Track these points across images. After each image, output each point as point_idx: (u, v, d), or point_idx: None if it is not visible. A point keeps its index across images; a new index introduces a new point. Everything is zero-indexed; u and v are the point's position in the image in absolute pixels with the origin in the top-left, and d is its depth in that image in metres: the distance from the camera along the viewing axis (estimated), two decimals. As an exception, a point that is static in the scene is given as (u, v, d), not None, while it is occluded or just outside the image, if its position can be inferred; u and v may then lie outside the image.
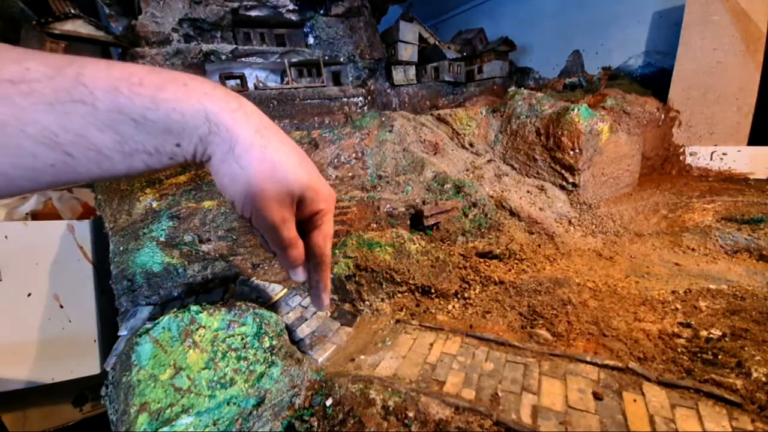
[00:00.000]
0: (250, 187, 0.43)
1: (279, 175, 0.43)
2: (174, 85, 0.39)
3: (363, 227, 1.10)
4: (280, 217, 0.46)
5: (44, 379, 1.17)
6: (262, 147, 0.42)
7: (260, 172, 0.43)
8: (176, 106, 0.39)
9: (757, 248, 0.94)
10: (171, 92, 0.39)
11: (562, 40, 2.43)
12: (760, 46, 1.46)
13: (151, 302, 0.91)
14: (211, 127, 0.41)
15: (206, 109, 0.40)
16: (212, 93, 0.41)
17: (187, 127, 0.40)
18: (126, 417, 0.52)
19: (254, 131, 0.42)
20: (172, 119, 0.39)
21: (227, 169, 0.42)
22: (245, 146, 0.42)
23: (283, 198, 0.45)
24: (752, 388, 0.50)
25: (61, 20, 1.27)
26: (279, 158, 0.43)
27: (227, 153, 0.42)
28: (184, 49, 1.52)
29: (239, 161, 0.42)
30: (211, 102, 0.40)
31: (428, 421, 0.51)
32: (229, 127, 0.41)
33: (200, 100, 0.40)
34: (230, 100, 0.42)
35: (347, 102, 1.96)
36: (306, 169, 0.47)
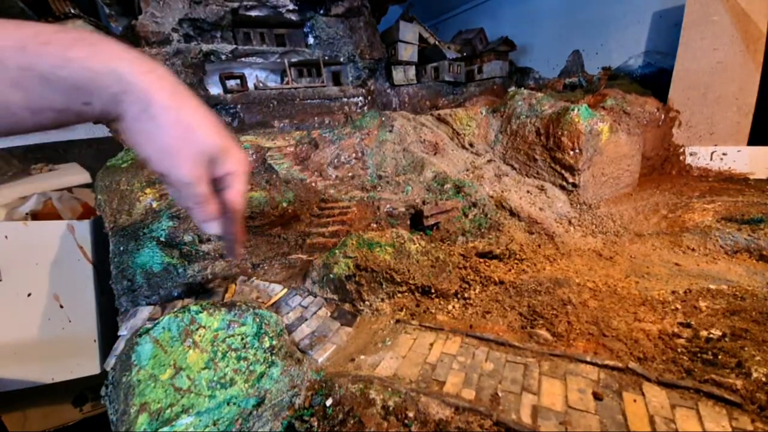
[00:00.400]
0: (166, 145, 0.46)
1: (194, 136, 0.47)
2: (82, 44, 0.40)
3: (363, 227, 1.10)
4: (194, 174, 0.49)
5: (44, 379, 1.17)
6: (177, 109, 0.45)
7: (176, 132, 0.45)
8: (86, 64, 0.40)
9: (757, 248, 0.94)
10: (80, 50, 0.40)
11: (562, 40, 2.43)
12: (760, 46, 1.46)
13: (151, 302, 0.91)
14: (124, 87, 0.42)
15: (118, 69, 0.41)
16: (124, 53, 0.42)
17: (97, 85, 0.41)
18: (126, 417, 0.52)
19: (169, 94, 0.44)
20: (83, 77, 0.40)
21: (141, 126, 0.45)
22: (160, 107, 0.44)
23: (198, 157, 0.48)
24: (752, 388, 0.50)
25: (61, 20, 1.27)
26: (194, 121, 0.46)
27: (141, 112, 0.44)
28: (184, 49, 1.52)
29: (155, 120, 0.44)
30: (123, 63, 0.42)
31: (428, 421, 0.51)
32: (142, 88, 0.43)
33: (110, 60, 0.41)
34: (143, 61, 0.43)
35: (347, 102, 1.96)
36: (219, 133, 0.50)
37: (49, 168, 1.86)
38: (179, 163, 0.47)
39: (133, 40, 1.49)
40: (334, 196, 1.22)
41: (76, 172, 1.62)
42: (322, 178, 1.34)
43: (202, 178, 0.50)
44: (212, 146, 0.49)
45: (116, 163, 1.18)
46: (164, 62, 1.49)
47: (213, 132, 0.49)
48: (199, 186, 0.50)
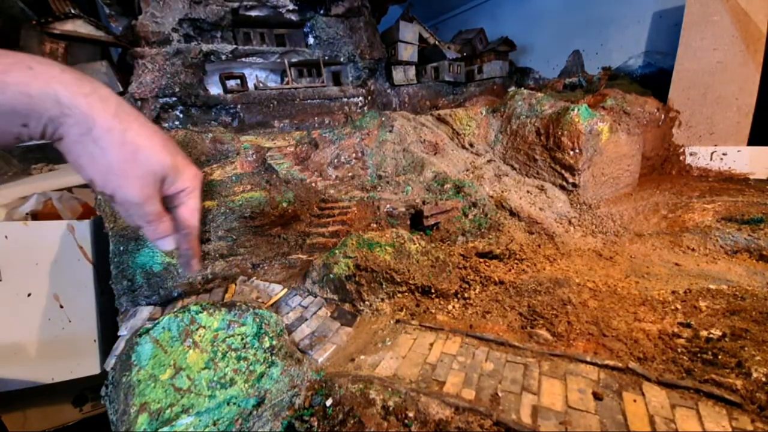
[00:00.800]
0: (112, 168, 0.45)
1: (141, 157, 0.47)
2: (19, 68, 0.40)
3: (363, 227, 1.10)
4: (143, 195, 0.48)
5: (44, 379, 1.17)
6: (122, 131, 0.44)
7: (121, 155, 0.45)
8: (23, 89, 0.40)
9: (757, 248, 0.94)
10: (16, 75, 0.40)
11: (562, 40, 2.43)
12: (760, 46, 1.46)
13: (151, 302, 0.91)
14: (63, 110, 0.42)
15: (56, 92, 0.41)
16: (61, 76, 0.42)
17: (35, 109, 0.41)
18: (126, 417, 0.52)
19: (112, 116, 0.44)
20: (19, 101, 0.40)
21: (83, 150, 0.44)
22: (104, 129, 0.43)
23: (147, 178, 0.48)
24: (752, 388, 0.50)
25: (61, 20, 1.27)
26: (141, 142, 0.46)
27: (83, 135, 0.43)
28: (184, 49, 1.52)
29: (98, 143, 0.44)
30: (61, 85, 0.41)
31: (428, 421, 0.51)
32: (83, 111, 0.42)
33: (48, 83, 0.41)
34: (83, 83, 0.43)
35: (347, 102, 1.96)
36: (169, 151, 0.50)
37: (49, 168, 1.86)
38: (126, 184, 0.47)
39: (133, 40, 1.49)
40: (334, 196, 1.22)
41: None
42: (322, 178, 1.34)
43: (152, 197, 0.50)
44: (161, 166, 0.49)
45: (116, 163, 1.18)
46: (164, 62, 1.49)
47: (161, 151, 0.49)
48: (148, 205, 0.50)
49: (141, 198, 0.48)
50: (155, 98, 1.48)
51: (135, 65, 1.45)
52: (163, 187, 0.52)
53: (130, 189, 0.47)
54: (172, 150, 0.51)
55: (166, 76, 1.49)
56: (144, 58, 1.45)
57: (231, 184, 1.13)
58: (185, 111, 1.55)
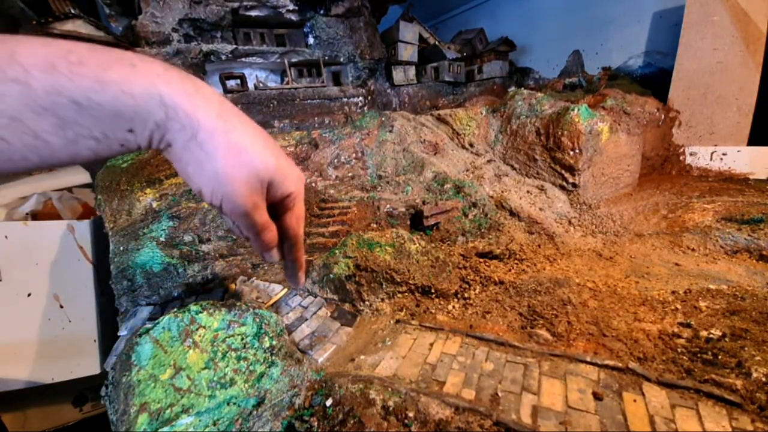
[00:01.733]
0: (219, 174, 0.41)
1: (246, 159, 0.42)
2: (121, 65, 0.36)
3: (363, 227, 1.10)
4: (251, 203, 0.44)
5: (44, 379, 1.17)
6: (226, 132, 0.41)
7: (227, 158, 0.41)
8: (125, 88, 0.36)
9: (757, 248, 0.94)
10: (118, 72, 0.35)
11: (562, 40, 2.43)
12: (760, 46, 1.46)
13: (151, 302, 0.91)
14: (169, 112, 0.38)
15: (161, 93, 0.37)
16: (166, 75, 0.38)
17: (139, 111, 0.37)
18: (126, 417, 0.52)
19: (216, 116, 0.40)
20: (122, 102, 0.36)
21: (190, 156, 0.40)
22: (208, 132, 0.40)
23: (253, 183, 0.44)
24: (752, 388, 0.50)
25: (61, 20, 1.27)
26: (245, 143, 0.42)
27: (189, 140, 0.40)
28: (184, 49, 1.52)
29: (203, 148, 0.40)
30: (165, 85, 0.37)
31: (428, 421, 0.51)
32: (188, 112, 0.39)
33: (153, 82, 0.37)
34: (186, 82, 0.39)
35: (347, 102, 1.96)
36: (273, 152, 0.45)
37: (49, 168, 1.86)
38: (234, 191, 0.42)
39: (133, 40, 1.49)
40: (334, 196, 1.22)
41: (76, 172, 1.62)
42: (322, 178, 1.34)
43: (259, 205, 0.45)
44: (266, 169, 0.44)
45: (116, 163, 1.18)
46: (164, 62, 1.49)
47: (265, 152, 0.44)
48: (257, 214, 0.45)
49: (249, 206, 0.44)
50: (155, 98, 1.47)
51: (135, 65, 1.45)
52: (269, 192, 0.47)
53: (238, 196, 0.43)
54: (276, 151, 0.46)
55: (166, 76, 1.49)
56: (144, 58, 1.45)
57: (231, 184, 1.13)
58: (185, 111, 1.55)
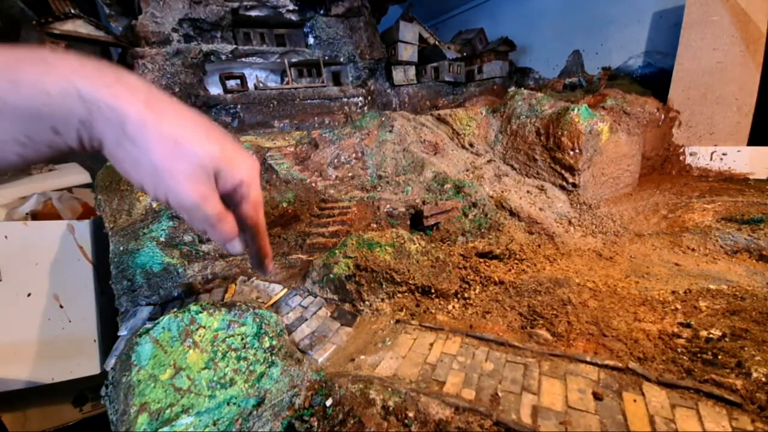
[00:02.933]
0: (157, 168, 0.39)
1: (184, 150, 0.39)
2: (31, 62, 0.34)
3: (363, 227, 1.10)
4: (198, 195, 0.41)
5: (44, 379, 1.17)
6: (157, 122, 0.38)
7: (162, 151, 0.38)
8: (39, 86, 0.34)
9: (757, 248, 0.94)
10: (30, 71, 0.34)
11: (562, 40, 2.43)
12: (760, 46, 1.46)
13: (151, 302, 0.91)
14: (90, 107, 0.36)
15: (77, 87, 0.35)
16: (81, 69, 0.36)
17: (58, 109, 0.35)
18: (126, 417, 0.52)
19: (143, 106, 0.37)
20: (38, 101, 0.34)
21: (125, 153, 0.38)
22: (137, 124, 0.37)
23: (197, 174, 0.41)
24: (752, 388, 0.50)
25: (61, 20, 1.27)
26: (180, 132, 0.39)
27: (119, 135, 0.37)
28: (184, 49, 1.52)
29: (135, 142, 0.38)
30: (82, 78, 0.35)
31: (428, 421, 0.51)
32: (111, 105, 0.36)
33: (68, 77, 0.35)
34: (106, 73, 0.37)
35: (347, 102, 1.96)
36: (216, 139, 0.42)
37: (49, 168, 1.86)
38: (177, 185, 0.40)
39: (133, 40, 1.49)
40: (334, 196, 1.22)
41: (76, 172, 1.62)
42: (322, 178, 1.34)
43: (208, 196, 0.43)
44: (209, 157, 0.41)
45: (116, 163, 1.18)
46: (164, 62, 1.49)
47: (206, 140, 0.41)
48: (207, 206, 0.43)
49: (196, 198, 0.41)
50: (155, 98, 1.48)
51: (135, 65, 1.45)
52: (219, 182, 0.44)
53: (183, 190, 0.40)
54: (219, 137, 0.43)
55: (166, 76, 1.49)
56: (144, 58, 1.45)
57: (231, 184, 1.13)
58: (185, 111, 1.55)
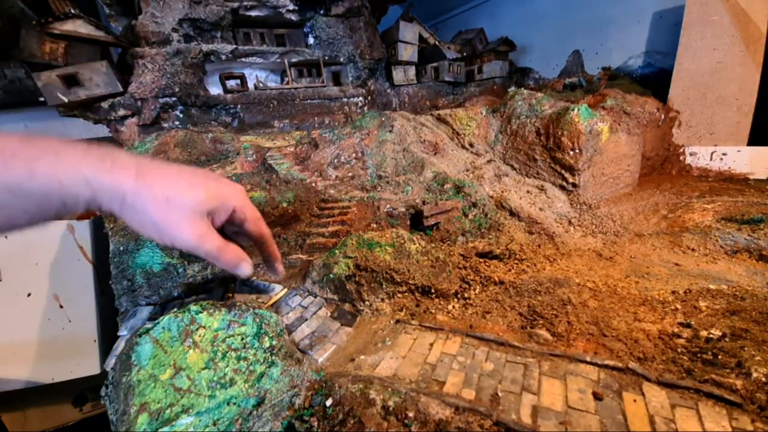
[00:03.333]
0: (157, 224, 0.48)
1: (175, 204, 0.48)
2: (47, 155, 0.42)
3: (363, 227, 1.10)
4: (196, 237, 0.50)
5: (44, 379, 1.17)
6: (148, 188, 0.46)
7: (158, 210, 0.47)
8: (52, 177, 0.42)
9: (757, 248, 0.94)
10: (46, 163, 0.42)
11: (562, 40, 2.43)
12: (760, 46, 1.46)
13: (151, 302, 0.91)
14: (95, 190, 0.44)
15: (85, 175, 0.43)
16: (86, 158, 0.44)
17: (68, 193, 0.43)
18: (126, 417, 0.52)
19: (134, 179, 0.46)
20: (51, 188, 0.42)
21: (130, 216, 0.47)
22: (133, 195, 0.46)
23: (191, 219, 0.49)
24: (752, 388, 0.50)
25: (61, 20, 1.27)
26: (167, 191, 0.48)
27: (121, 205, 0.46)
28: (184, 49, 1.52)
29: (135, 208, 0.47)
30: (88, 166, 0.44)
31: (428, 421, 0.51)
32: (111, 186, 0.45)
33: (76, 167, 0.43)
34: (104, 159, 0.45)
35: (347, 102, 1.96)
36: (200, 185, 0.51)
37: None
38: (177, 233, 0.49)
39: (133, 40, 1.49)
40: (334, 196, 1.22)
41: (76, 172, 1.61)
42: (322, 178, 1.34)
43: (205, 235, 0.51)
44: (198, 203, 0.49)
45: (116, 163, 1.18)
46: (164, 62, 1.49)
47: (191, 190, 0.49)
48: (206, 244, 0.51)
49: (196, 240, 0.50)
50: (155, 98, 1.48)
51: (135, 65, 1.45)
52: (216, 218, 0.53)
53: (183, 236, 0.49)
54: (201, 181, 0.51)
55: (166, 76, 1.49)
56: (144, 58, 1.45)
57: (231, 184, 1.13)
58: (185, 111, 1.55)
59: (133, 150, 1.22)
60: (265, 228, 0.59)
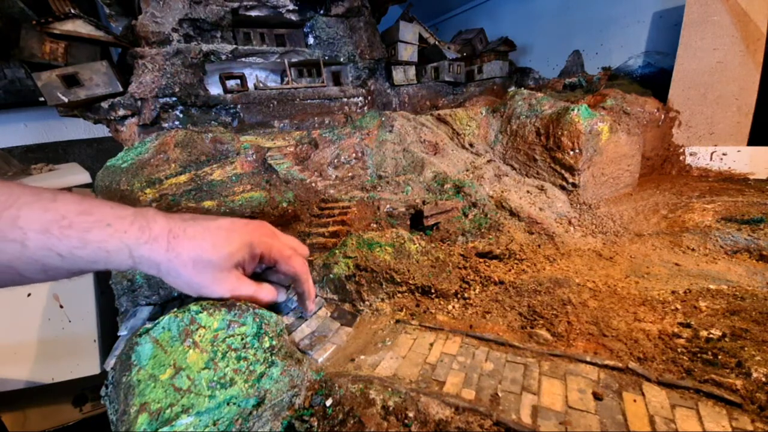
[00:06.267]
0: (191, 284, 0.54)
1: (203, 265, 0.53)
2: (99, 226, 0.47)
3: (363, 227, 1.10)
4: (227, 290, 0.55)
5: (44, 379, 1.17)
6: (176, 255, 0.51)
7: (188, 272, 0.52)
8: (102, 246, 0.47)
9: (757, 248, 0.94)
10: (97, 233, 0.46)
11: (562, 40, 2.43)
12: (760, 46, 1.46)
13: (151, 302, 0.91)
14: (135, 259, 0.50)
15: (129, 248, 0.48)
16: (130, 229, 0.49)
17: (112, 261, 0.48)
18: (126, 417, 0.52)
19: (165, 250, 0.51)
20: (98, 255, 0.47)
21: (168, 281, 0.54)
22: (166, 263, 0.51)
23: (220, 276, 0.54)
24: (752, 388, 0.50)
25: (61, 20, 1.27)
26: (194, 254, 0.52)
27: (158, 272, 0.52)
28: (184, 49, 1.52)
29: (169, 273, 0.52)
30: (131, 240, 0.49)
31: (428, 421, 0.51)
32: (148, 257, 0.50)
33: (122, 239, 0.48)
34: (144, 230, 0.50)
35: (347, 102, 1.96)
36: (224, 241, 0.55)
37: (49, 168, 1.86)
38: (210, 290, 0.54)
39: (133, 40, 1.49)
40: (334, 196, 1.22)
41: (76, 172, 1.62)
42: (322, 178, 1.34)
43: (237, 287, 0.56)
44: (223, 259, 0.53)
45: (116, 163, 1.18)
46: (164, 62, 1.49)
47: (215, 250, 0.53)
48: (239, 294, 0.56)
49: (228, 293, 0.55)
50: (155, 98, 1.48)
51: (135, 65, 1.45)
52: (247, 267, 0.57)
53: (216, 291, 0.54)
54: (226, 237, 0.55)
55: (166, 76, 1.49)
56: (144, 58, 1.45)
57: (231, 184, 1.13)
58: (185, 111, 1.55)
59: (133, 150, 1.22)
60: (298, 266, 0.63)
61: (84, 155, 2.87)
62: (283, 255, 0.61)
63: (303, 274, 0.64)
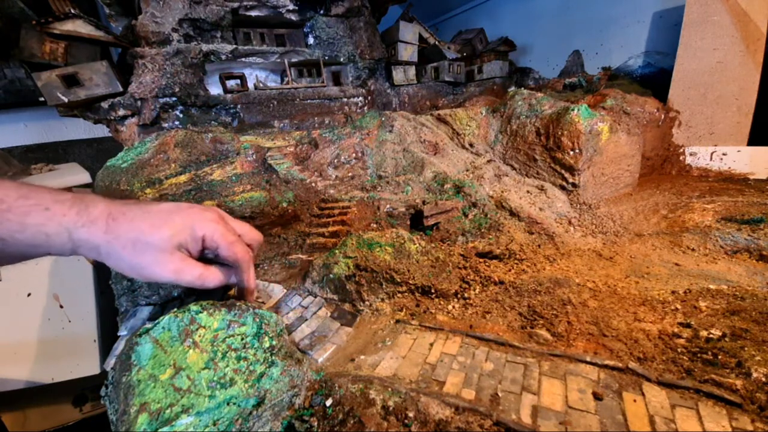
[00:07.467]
0: (132, 267, 0.53)
1: (143, 246, 0.52)
2: (37, 210, 0.47)
3: (363, 227, 1.10)
4: (170, 272, 0.54)
5: (44, 379, 1.17)
6: (115, 237, 0.51)
7: (129, 255, 0.52)
8: (41, 229, 0.47)
9: (757, 248, 0.94)
10: (35, 217, 0.47)
11: (562, 40, 2.43)
12: (760, 46, 1.46)
13: (151, 302, 0.91)
14: (75, 243, 0.50)
15: (68, 230, 0.49)
16: (69, 213, 0.49)
17: (53, 245, 0.48)
18: (126, 417, 0.52)
19: (104, 233, 0.51)
20: (38, 239, 0.47)
21: (110, 264, 0.53)
22: (105, 246, 0.51)
23: (162, 256, 0.53)
24: (752, 388, 0.50)
25: (61, 20, 1.27)
26: (133, 235, 0.52)
27: (99, 255, 0.52)
28: (184, 49, 1.52)
29: (110, 258, 0.52)
30: (71, 223, 0.49)
31: (428, 421, 0.51)
32: (87, 240, 0.50)
33: (61, 222, 0.48)
34: (82, 214, 0.50)
35: (347, 102, 1.96)
36: (162, 222, 0.54)
37: (49, 168, 1.86)
38: (153, 272, 0.53)
39: (133, 40, 1.49)
40: (334, 196, 1.22)
41: (76, 172, 1.62)
42: (322, 178, 1.34)
43: (181, 268, 0.54)
44: (163, 239, 0.52)
45: (116, 163, 1.18)
46: (164, 62, 1.49)
47: (156, 228, 0.53)
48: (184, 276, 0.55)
49: (173, 274, 0.54)
50: (155, 98, 1.48)
51: (135, 65, 1.45)
52: (190, 248, 0.56)
53: (159, 273, 0.53)
54: (165, 218, 0.54)
55: (166, 76, 1.49)
56: (144, 58, 1.45)
57: (231, 184, 1.13)
58: (185, 111, 1.55)
59: (133, 150, 1.22)
60: (239, 252, 0.60)
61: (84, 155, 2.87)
62: (227, 239, 0.58)
63: (244, 262, 0.61)
